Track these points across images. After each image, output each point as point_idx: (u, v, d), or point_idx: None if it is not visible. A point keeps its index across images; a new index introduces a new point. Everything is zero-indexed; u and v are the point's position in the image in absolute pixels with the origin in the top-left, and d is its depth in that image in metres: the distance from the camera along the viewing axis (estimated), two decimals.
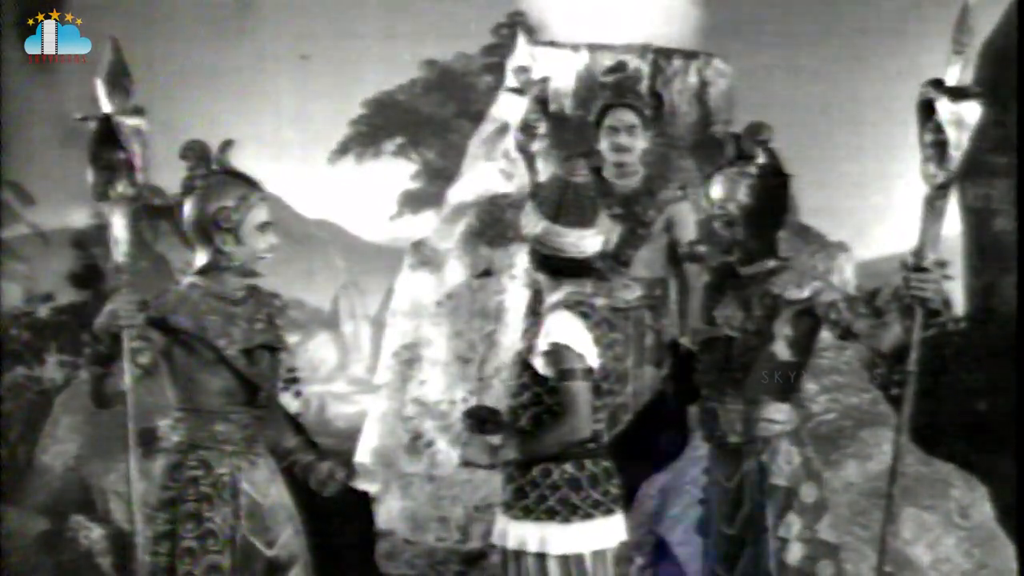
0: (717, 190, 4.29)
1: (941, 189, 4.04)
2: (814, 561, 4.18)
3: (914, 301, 4.00)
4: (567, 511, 4.13)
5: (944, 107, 3.97)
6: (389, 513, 7.42)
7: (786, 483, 4.20)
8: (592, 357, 4.10)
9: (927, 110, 4.02)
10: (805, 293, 4.18)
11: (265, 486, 4.38)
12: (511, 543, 4.17)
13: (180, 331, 4.24)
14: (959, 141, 3.98)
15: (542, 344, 4.11)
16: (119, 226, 4.23)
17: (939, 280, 4.00)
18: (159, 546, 4.25)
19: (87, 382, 4.29)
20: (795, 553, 4.17)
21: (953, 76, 3.98)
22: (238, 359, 4.29)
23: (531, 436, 4.13)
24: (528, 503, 4.15)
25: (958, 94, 3.98)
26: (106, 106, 4.18)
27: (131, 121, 4.19)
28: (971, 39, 3.98)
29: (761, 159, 4.24)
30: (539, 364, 4.11)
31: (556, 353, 4.09)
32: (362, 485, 7.51)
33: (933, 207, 4.07)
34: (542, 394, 4.13)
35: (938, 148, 4.01)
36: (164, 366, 4.29)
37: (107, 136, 4.19)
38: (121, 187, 4.22)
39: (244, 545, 4.30)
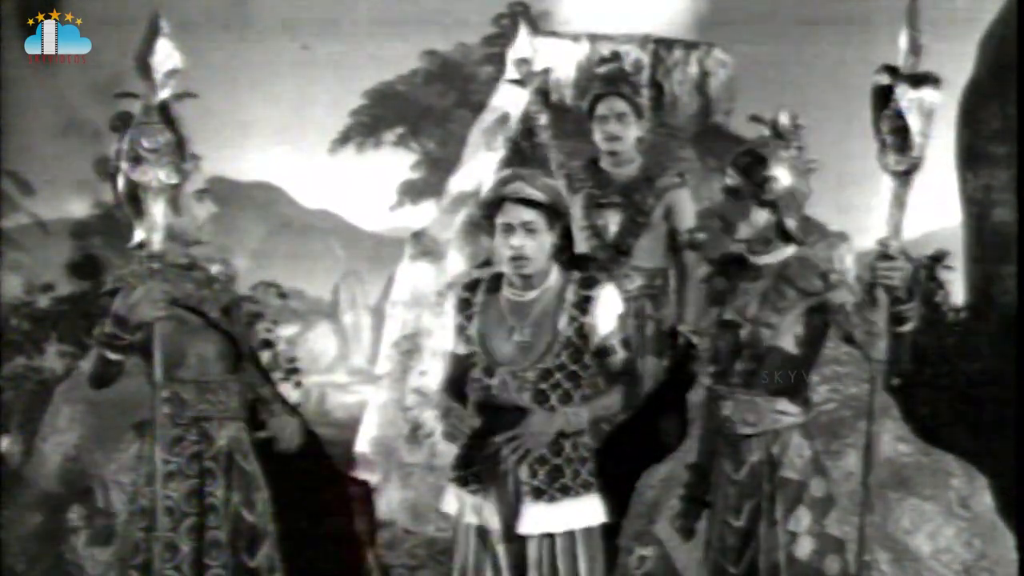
0: (758, 169, 4.18)
1: (904, 176, 3.99)
2: (822, 555, 4.15)
3: (881, 289, 3.97)
4: (597, 481, 4.23)
5: (904, 93, 3.91)
6: (389, 503, 7.43)
7: (798, 476, 4.17)
8: None
9: (882, 98, 3.96)
10: (821, 286, 4.14)
11: (248, 453, 4.40)
12: (556, 527, 4.16)
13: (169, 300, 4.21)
14: (922, 128, 3.92)
15: (609, 319, 4.19)
16: (159, 213, 4.10)
17: (905, 268, 3.96)
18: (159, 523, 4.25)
19: (93, 364, 4.25)
20: (805, 547, 4.13)
21: (909, 64, 3.92)
22: (222, 320, 4.30)
23: (597, 401, 4.21)
24: (565, 481, 4.17)
25: (919, 80, 3.91)
26: (158, 89, 4.06)
27: (179, 106, 4.09)
28: (922, 26, 3.92)
29: (798, 143, 4.21)
30: (602, 339, 4.19)
31: (621, 324, 4.24)
32: (362, 475, 7.52)
33: (895, 196, 4.01)
34: (578, 371, 4.19)
35: (898, 136, 3.96)
36: (156, 342, 4.16)
37: (151, 120, 4.07)
38: (164, 173, 4.08)
39: (235, 516, 4.31)
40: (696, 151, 8.23)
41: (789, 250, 4.24)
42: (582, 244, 6.04)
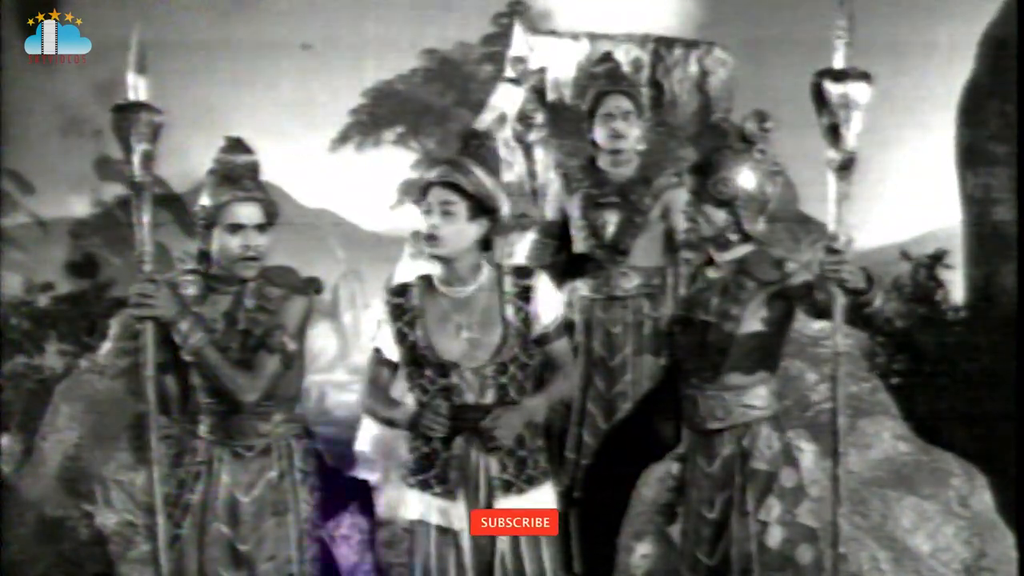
0: (711, 170, 4.31)
1: (842, 171, 4.05)
2: (794, 544, 4.23)
3: (832, 283, 4.03)
4: (551, 468, 4.41)
5: (830, 89, 4.02)
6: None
7: (767, 467, 4.26)
8: None
9: (820, 97, 4.06)
10: (777, 275, 4.23)
11: (249, 480, 4.36)
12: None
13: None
14: (849, 121, 4.02)
15: (549, 306, 4.28)
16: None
17: (853, 261, 4.02)
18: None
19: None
20: (775, 536, 4.22)
21: (839, 60, 4.03)
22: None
23: (552, 389, 4.31)
24: (529, 471, 4.27)
25: (840, 76, 4.03)
26: (143, 95, 4.11)
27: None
28: (853, 24, 4.02)
29: (763, 146, 4.29)
30: (543, 327, 4.27)
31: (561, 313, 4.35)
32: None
33: (837, 190, 4.08)
34: (527, 362, 4.28)
35: (832, 131, 4.03)
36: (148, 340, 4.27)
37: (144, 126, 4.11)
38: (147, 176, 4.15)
39: (215, 532, 4.32)
40: (696, 150, 8.22)
41: (749, 248, 4.34)
42: (580, 244, 6.05)
